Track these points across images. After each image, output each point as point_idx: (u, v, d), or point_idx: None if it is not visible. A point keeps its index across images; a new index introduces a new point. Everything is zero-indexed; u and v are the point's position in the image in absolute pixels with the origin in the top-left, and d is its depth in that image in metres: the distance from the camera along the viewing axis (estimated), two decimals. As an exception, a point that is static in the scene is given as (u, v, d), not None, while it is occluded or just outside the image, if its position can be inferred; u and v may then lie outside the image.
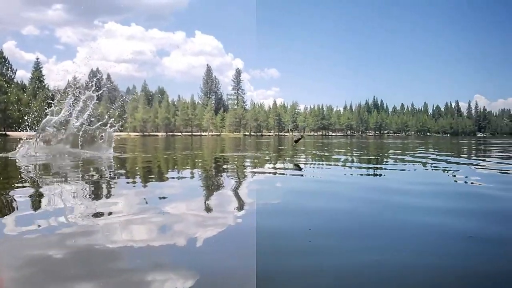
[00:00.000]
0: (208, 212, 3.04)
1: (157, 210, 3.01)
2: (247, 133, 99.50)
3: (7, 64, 72.08)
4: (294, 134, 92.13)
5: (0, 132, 59.77)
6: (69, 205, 3.22)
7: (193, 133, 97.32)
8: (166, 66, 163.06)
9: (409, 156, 10.38)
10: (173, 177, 5.44)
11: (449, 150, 14.91)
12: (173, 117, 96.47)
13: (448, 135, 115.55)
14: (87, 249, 2.05)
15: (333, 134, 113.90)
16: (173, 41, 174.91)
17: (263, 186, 4.66)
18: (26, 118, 10.32)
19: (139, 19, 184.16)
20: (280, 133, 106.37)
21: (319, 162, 8.41)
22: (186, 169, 6.79)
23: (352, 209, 3.16)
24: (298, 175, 5.91)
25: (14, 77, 74.12)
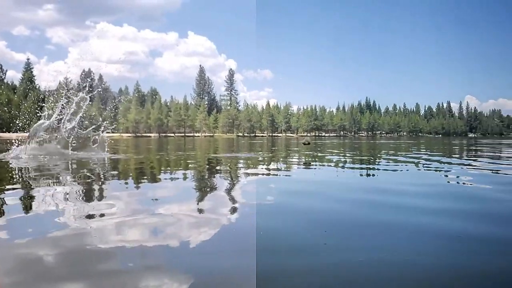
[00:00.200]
0: (209, 212, 3.04)
1: (157, 211, 3.01)
2: (240, 134, 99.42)
3: (-3, 65, 71.52)
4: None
5: (-10, 134, 59.10)
6: (64, 207, 3.20)
7: (186, 134, 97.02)
8: (159, 67, 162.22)
9: (402, 157, 10.46)
10: (171, 178, 5.43)
11: (441, 150, 15.05)
12: (166, 118, 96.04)
13: (440, 136, 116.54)
14: (89, 250, 2.04)
15: (326, 134, 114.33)
16: (165, 42, 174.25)
17: (263, 186, 4.67)
18: (17, 121, 10.22)
19: (131, 20, 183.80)
20: (273, 134, 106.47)
21: (319, 163, 8.44)
22: (179, 170, 6.78)
23: (348, 210, 3.18)
24: (300, 175, 5.93)
25: (4, 78, 73.52)
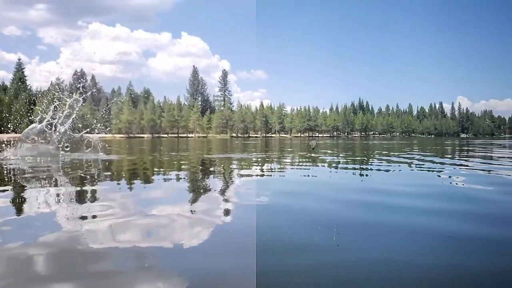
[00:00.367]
0: (207, 213, 3.05)
1: (157, 211, 3.02)
2: (234, 135, 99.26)
3: (-13, 65, 70.69)
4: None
5: (-19, 134, 58.33)
6: (57, 208, 3.18)
7: (179, 134, 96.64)
8: (152, 67, 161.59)
9: (395, 157, 10.53)
10: (164, 179, 5.43)
11: (433, 150, 15.17)
12: (159, 119, 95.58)
13: (432, 136, 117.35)
14: (91, 250, 2.04)
15: (320, 135, 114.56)
16: (158, 42, 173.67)
17: (264, 187, 4.69)
18: (9, 125, 10.12)
19: (124, 20, 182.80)
20: (267, 135, 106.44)
21: (318, 163, 8.48)
22: (172, 171, 6.77)
23: (346, 209, 3.20)
24: (302, 174, 5.95)
25: (-5, 78, 72.64)
